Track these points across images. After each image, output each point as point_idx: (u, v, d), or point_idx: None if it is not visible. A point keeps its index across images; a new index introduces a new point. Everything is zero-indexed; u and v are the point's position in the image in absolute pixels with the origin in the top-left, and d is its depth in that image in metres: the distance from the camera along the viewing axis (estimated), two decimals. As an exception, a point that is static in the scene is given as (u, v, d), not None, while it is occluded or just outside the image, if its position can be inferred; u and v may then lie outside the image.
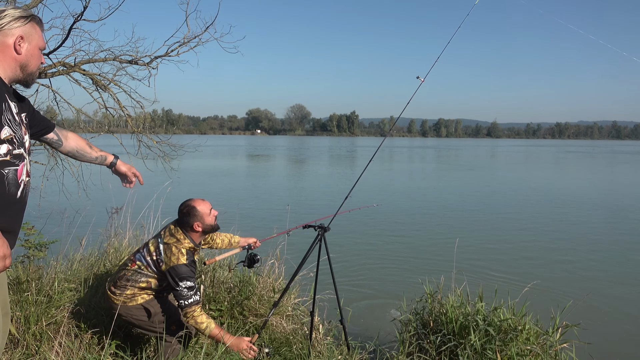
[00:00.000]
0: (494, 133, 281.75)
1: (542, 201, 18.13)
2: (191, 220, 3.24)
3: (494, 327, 3.63)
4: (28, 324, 3.64)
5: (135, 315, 3.22)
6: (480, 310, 3.87)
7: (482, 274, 7.79)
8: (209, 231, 3.34)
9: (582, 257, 9.82)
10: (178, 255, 3.14)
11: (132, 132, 7.83)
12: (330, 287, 4.12)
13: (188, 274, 3.13)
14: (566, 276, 8.23)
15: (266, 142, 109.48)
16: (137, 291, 3.21)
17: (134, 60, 7.23)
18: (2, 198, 1.95)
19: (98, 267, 4.48)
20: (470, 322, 3.71)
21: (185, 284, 3.10)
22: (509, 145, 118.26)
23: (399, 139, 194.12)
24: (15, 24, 1.99)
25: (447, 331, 3.80)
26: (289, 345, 4.05)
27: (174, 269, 3.10)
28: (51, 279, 4.06)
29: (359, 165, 39.09)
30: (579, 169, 40.63)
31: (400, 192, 20.82)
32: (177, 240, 3.20)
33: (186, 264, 3.13)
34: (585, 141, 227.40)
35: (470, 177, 29.58)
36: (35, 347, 3.54)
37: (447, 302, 4.02)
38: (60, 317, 3.74)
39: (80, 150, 2.61)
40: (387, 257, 9.29)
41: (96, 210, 6.05)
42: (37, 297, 3.79)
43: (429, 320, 4.05)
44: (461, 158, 53.78)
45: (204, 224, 3.26)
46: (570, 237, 11.81)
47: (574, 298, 4.48)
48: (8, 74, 2.04)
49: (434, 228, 12.59)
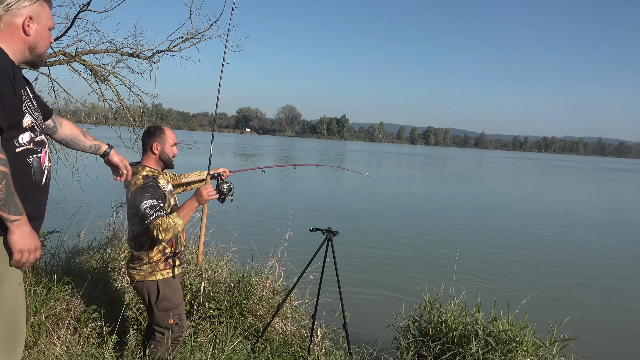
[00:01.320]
0: (482, 144, 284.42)
1: (543, 215, 18.41)
2: (152, 140, 3.08)
3: (494, 337, 3.68)
4: (26, 315, 3.59)
5: (151, 291, 3.11)
6: (480, 320, 3.91)
7: (481, 284, 7.89)
8: (166, 161, 3.15)
9: (581, 270, 10.01)
10: (135, 182, 2.97)
11: (130, 126, 7.77)
12: (328, 290, 4.13)
13: (147, 192, 2.90)
14: (565, 290, 8.38)
15: (256, 142, 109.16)
16: (151, 260, 3.09)
17: (136, 53, 7.17)
18: (29, 185, 1.93)
19: (97, 261, 4.44)
20: (470, 332, 3.75)
21: (146, 203, 2.86)
22: (498, 157, 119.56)
23: (388, 145, 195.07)
24: (23, 3, 1.91)
25: (447, 340, 3.83)
26: (287, 347, 4.05)
27: (132, 196, 2.93)
28: (50, 271, 4.01)
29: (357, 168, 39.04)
30: (575, 184, 41.28)
31: (400, 199, 20.98)
32: (133, 173, 2.99)
33: (143, 185, 2.93)
34: (572, 156, 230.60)
35: (468, 187, 29.88)
36: (34, 338, 3.50)
37: (447, 310, 4.05)
38: (59, 310, 3.70)
39: (74, 138, 2.54)
40: (387, 263, 9.39)
41: (94, 203, 5.98)
42: (35, 288, 3.74)
43: (428, 328, 4.08)
44: (456, 167, 54.26)
45: (162, 148, 3.09)
46: (569, 251, 12.02)
47: (572, 311, 4.55)
48: (17, 56, 1.96)
49: (435, 236, 12.73)
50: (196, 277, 4.40)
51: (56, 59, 6.73)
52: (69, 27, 6.45)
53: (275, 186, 22.32)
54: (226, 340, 3.65)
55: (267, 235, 5.59)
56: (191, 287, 4.32)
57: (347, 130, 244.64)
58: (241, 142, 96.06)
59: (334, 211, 15.90)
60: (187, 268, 4.50)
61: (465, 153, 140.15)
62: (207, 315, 4.15)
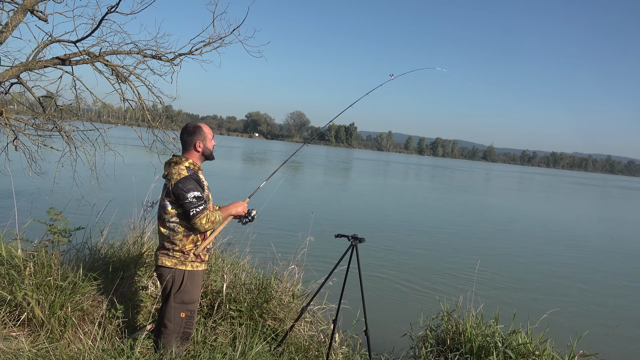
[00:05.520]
0: (490, 157, 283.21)
1: (564, 230, 18.41)
2: (194, 139, 3.28)
3: (513, 349, 3.69)
4: (52, 309, 3.65)
5: (175, 279, 3.19)
6: (498, 332, 3.93)
7: (500, 297, 7.87)
8: (208, 156, 3.36)
9: (605, 287, 9.98)
10: (178, 171, 3.14)
11: (149, 127, 7.86)
12: (346, 297, 4.16)
13: (193, 184, 3.10)
14: (587, 306, 8.35)
15: (265, 146, 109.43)
16: (184, 248, 3.18)
17: (158, 55, 7.28)
18: None
19: (122, 257, 4.50)
20: (489, 344, 3.76)
21: (192, 194, 3.06)
22: (508, 171, 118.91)
23: (395, 155, 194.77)
24: None
25: (465, 350, 3.85)
26: (305, 351, 4.08)
27: (177, 185, 3.07)
28: (75, 266, 4.07)
29: (368, 177, 39.09)
30: (591, 201, 41.09)
31: (416, 209, 21.01)
32: (175, 163, 3.22)
33: (188, 176, 3.12)
34: (580, 173, 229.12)
35: (485, 200, 29.85)
36: (60, 332, 3.56)
37: (465, 321, 4.07)
38: (86, 305, 3.76)
39: None
40: (405, 272, 9.41)
41: (116, 201, 6.05)
42: (61, 283, 3.80)
43: (446, 337, 4.10)
44: (469, 180, 54.15)
45: (204, 145, 3.31)
46: (593, 266, 11.97)
47: (593, 327, 4.55)
48: None
49: (455, 247, 12.75)
50: (218, 278, 4.46)
51: (80, 58, 6.85)
52: (96, 27, 6.56)
53: (293, 193, 22.38)
54: (246, 342, 3.69)
55: (288, 239, 5.61)
56: (213, 287, 4.38)
57: (355, 138, 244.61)
58: (252, 146, 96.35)
59: (352, 219, 15.97)
60: (208, 268, 4.55)
61: (474, 166, 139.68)
62: (228, 316, 4.20)
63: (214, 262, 4.72)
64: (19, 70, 6.39)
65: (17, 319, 3.63)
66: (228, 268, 4.64)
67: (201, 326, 4.09)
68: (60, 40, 6.61)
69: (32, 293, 3.67)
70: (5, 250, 4.62)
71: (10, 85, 6.75)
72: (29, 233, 5.61)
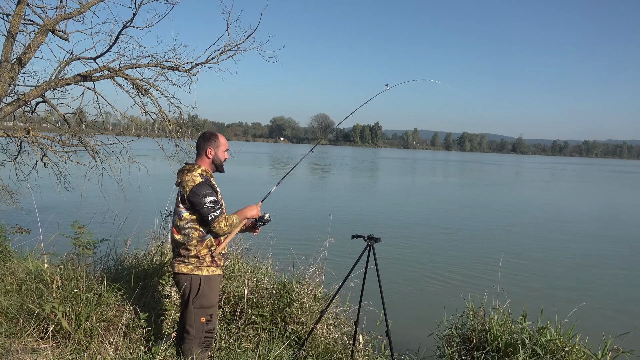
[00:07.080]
0: (519, 149, 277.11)
1: (595, 222, 17.89)
2: (207, 145, 3.32)
3: (541, 346, 3.58)
4: (79, 320, 3.73)
5: (193, 285, 3.22)
6: (526, 328, 3.82)
7: (527, 292, 7.68)
8: (218, 165, 3.39)
9: (637, 281, 9.61)
10: (192, 178, 3.19)
11: (171, 137, 7.98)
12: (368, 297, 4.12)
13: (208, 189, 3.16)
14: (618, 300, 8.06)
15: (290, 150, 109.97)
16: (199, 253, 3.22)
17: (176, 66, 7.39)
18: None
19: (145, 268, 4.57)
20: (516, 341, 3.66)
21: (208, 199, 3.12)
22: (539, 162, 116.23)
23: (422, 152, 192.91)
24: None
25: (492, 348, 3.76)
26: (329, 353, 4.06)
27: (193, 191, 3.12)
28: (100, 277, 4.15)
29: (392, 176, 38.83)
30: (627, 190, 39.83)
31: (440, 205, 20.75)
32: (188, 170, 3.27)
33: (203, 182, 3.17)
34: (615, 160, 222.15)
35: (513, 193, 29.29)
36: (86, 343, 3.63)
37: (491, 318, 3.97)
38: (110, 315, 3.83)
39: None
40: (428, 270, 9.29)
41: (138, 212, 6.16)
42: (86, 295, 3.89)
43: (472, 336, 4.01)
44: (497, 174, 53.14)
45: (216, 153, 3.34)
46: (623, 259, 11.57)
47: (627, 323, 4.38)
48: None
49: (477, 243, 12.53)
50: (240, 284, 4.48)
51: (101, 74, 7.01)
52: (113, 43, 6.71)
53: (312, 194, 22.41)
54: (270, 347, 3.70)
55: (307, 241, 5.61)
56: (235, 293, 4.40)
57: (380, 137, 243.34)
58: (278, 151, 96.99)
59: (372, 218, 15.89)
60: (230, 275, 4.58)
61: (504, 159, 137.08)
62: (250, 322, 4.21)
63: (236, 269, 4.74)
64: (43, 90, 6.59)
65: (45, 331, 3.73)
66: (250, 274, 4.65)
67: (224, 332, 4.11)
68: (80, 58, 6.78)
69: (59, 305, 3.76)
70: (33, 265, 4.77)
71: (36, 104, 6.97)
72: (59, 247, 5.77)
